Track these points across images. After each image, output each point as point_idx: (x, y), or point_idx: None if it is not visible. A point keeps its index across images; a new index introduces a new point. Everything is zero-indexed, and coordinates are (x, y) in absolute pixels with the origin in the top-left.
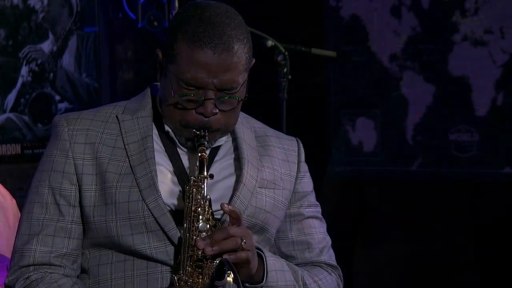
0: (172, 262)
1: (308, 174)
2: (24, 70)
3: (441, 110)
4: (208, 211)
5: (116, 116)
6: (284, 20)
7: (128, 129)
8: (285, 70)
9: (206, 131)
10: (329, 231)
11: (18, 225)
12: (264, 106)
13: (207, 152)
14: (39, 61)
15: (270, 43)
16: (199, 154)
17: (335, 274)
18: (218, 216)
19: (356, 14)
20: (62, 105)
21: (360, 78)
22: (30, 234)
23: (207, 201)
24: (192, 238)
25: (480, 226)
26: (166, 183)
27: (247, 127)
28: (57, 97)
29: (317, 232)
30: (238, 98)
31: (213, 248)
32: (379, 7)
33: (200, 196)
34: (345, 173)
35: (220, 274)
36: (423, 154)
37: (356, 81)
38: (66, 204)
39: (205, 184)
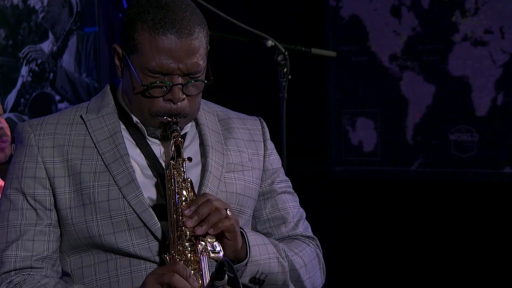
0: (155, 258)
1: (275, 151)
2: (24, 70)
3: (441, 110)
4: (191, 191)
5: (81, 117)
6: (284, 20)
7: (95, 127)
8: (285, 70)
9: (177, 117)
10: (329, 231)
11: None
12: (264, 106)
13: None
14: (39, 61)
15: (270, 43)
16: (174, 140)
17: (313, 245)
18: None
19: (356, 14)
20: (62, 105)
21: (360, 78)
22: (8, 241)
23: (189, 183)
24: (179, 219)
25: (480, 226)
26: (142, 177)
27: (209, 111)
28: (57, 97)
29: (291, 206)
30: (205, 81)
31: (203, 227)
32: (379, 7)
33: (181, 179)
34: (345, 173)
35: (220, 274)
36: (423, 154)
37: (356, 81)
38: (42, 208)
39: (184, 167)
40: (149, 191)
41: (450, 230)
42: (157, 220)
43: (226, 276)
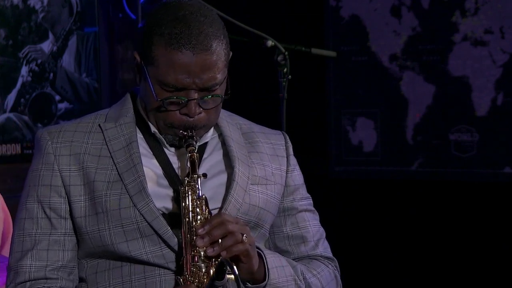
0: (168, 265)
1: (298, 167)
2: (24, 70)
3: (441, 110)
4: (205, 210)
5: (99, 125)
6: (284, 20)
7: (112, 137)
8: (285, 70)
9: (193, 130)
10: (329, 231)
11: (11, 243)
12: (264, 106)
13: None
14: (39, 61)
15: (270, 43)
16: (189, 154)
17: (332, 266)
18: None
19: (356, 14)
20: (62, 105)
21: (360, 78)
22: (23, 250)
23: (203, 200)
24: (193, 239)
25: (480, 226)
26: (157, 186)
27: (232, 124)
28: (57, 97)
29: (311, 225)
30: (222, 96)
31: (214, 248)
32: (379, 7)
33: (195, 196)
34: (345, 173)
35: (220, 274)
36: (423, 154)
37: (356, 81)
38: (57, 217)
39: (199, 184)
40: (163, 201)
41: (450, 230)
42: (169, 228)
43: (226, 276)
